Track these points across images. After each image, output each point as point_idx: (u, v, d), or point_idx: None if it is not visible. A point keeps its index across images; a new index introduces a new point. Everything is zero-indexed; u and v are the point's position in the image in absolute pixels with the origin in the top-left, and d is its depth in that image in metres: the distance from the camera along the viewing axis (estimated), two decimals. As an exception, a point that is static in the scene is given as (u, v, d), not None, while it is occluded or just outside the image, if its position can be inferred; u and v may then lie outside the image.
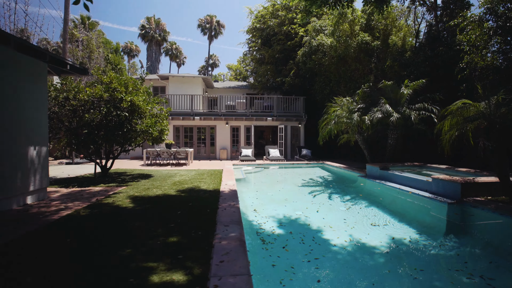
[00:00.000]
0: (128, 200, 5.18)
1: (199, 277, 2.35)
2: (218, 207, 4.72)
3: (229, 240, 3.20)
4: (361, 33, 13.05)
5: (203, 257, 2.73)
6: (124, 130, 7.03)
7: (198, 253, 2.85)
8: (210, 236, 3.32)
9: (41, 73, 5.05)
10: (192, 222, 3.90)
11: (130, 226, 3.72)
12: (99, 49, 19.51)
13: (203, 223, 3.81)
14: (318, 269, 3.20)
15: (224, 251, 2.89)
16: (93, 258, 2.74)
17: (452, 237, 4.65)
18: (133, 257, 2.74)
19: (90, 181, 7.39)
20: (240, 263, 2.61)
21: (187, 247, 3.02)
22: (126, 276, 2.36)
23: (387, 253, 3.63)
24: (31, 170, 4.93)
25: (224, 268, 2.51)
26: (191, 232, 3.47)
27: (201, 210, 4.54)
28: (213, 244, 3.07)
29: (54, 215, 4.26)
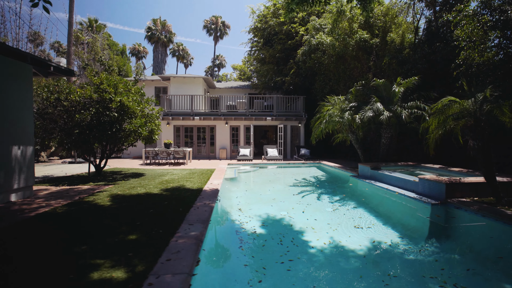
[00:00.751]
0: (108, 199, 5.28)
1: (139, 275, 2.36)
2: (192, 206, 4.74)
3: (187, 238, 3.21)
4: (359, 30, 12.82)
5: (153, 255, 2.75)
6: (114, 130, 7.16)
7: (151, 250, 2.87)
8: (170, 234, 3.34)
9: (25, 75, 5.21)
10: (160, 220, 3.93)
11: (98, 224, 3.79)
12: (104, 51, 19.95)
13: (169, 222, 3.84)
14: (289, 271, 3.12)
15: (176, 249, 2.90)
16: (44, 255, 2.81)
17: (434, 241, 4.46)
18: (85, 254, 2.79)
19: (82, 180, 7.57)
20: (186, 262, 2.61)
21: (142, 245, 3.05)
22: (68, 273, 2.41)
23: (364, 257, 3.53)
24: (15, 168, 5.09)
25: (168, 266, 2.52)
26: (153, 230, 3.50)
27: (174, 208, 4.57)
28: (169, 242, 3.08)
29: (31, 212, 4.38)
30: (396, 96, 7.92)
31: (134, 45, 42.33)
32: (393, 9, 12.40)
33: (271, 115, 17.13)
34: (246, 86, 22.57)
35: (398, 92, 7.83)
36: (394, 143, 8.78)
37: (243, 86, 22.98)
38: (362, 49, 12.95)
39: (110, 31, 74.79)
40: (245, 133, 17.54)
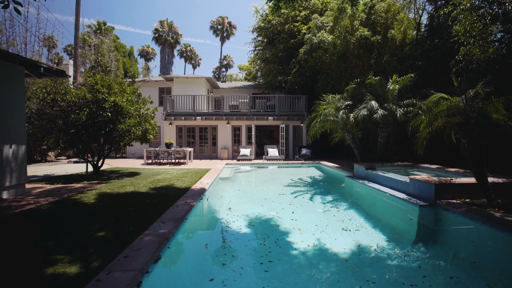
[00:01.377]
0: (94, 197, 5.38)
1: (92, 271, 2.39)
2: (173, 204, 4.77)
3: (153, 236, 3.22)
4: (360, 28, 12.58)
5: (113, 252, 2.77)
6: (107, 129, 7.30)
7: (113, 247, 2.90)
8: (139, 232, 3.36)
9: (16, 76, 5.39)
10: (135, 218, 3.97)
11: (74, 221, 3.86)
12: (110, 53, 20.40)
13: (144, 220, 3.87)
14: (267, 273, 3.07)
15: (139, 246, 2.92)
16: (10, 250, 2.88)
17: (420, 246, 4.19)
18: (49, 250, 2.85)
19: (78, 179, 7.76)
20: (143, 259, 2.62)
21: (108, 241, 3.08)
22: (24, 267, 2.46)
23: (345, 261, 3.40)
24: (7, 167, 5.27)
25: (122, 263, 2.53)
26: (124, 228, 3.54)
27: (154, 207, 4.61)
28: (134, 239, 3.10)
29: (18, 209, 4.52)
30: (390, 94, 7.71)
31: (143, 47, 43.15)
32: (395, 5, 12.10)
33: (273, 115, 17.05)
34: (249, 86, 22.56)
35: (393, 90, 7.62)
36: (392, 142, 8.56)
37: (247, 86, 22.99)
38: (363, 46, 12.69)
39: (119, 33, 76.50)
40: (247, 133, 17.54)
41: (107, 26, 28.39)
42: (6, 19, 12.77)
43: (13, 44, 12.65)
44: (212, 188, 7.39)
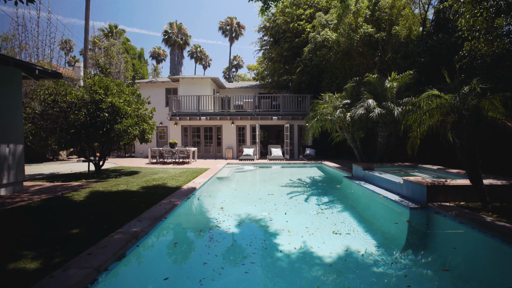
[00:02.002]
0: (86, 195, 5.51)
1: (50, 267, 2.43)
2: (157, 203, 4.80)
3: (124, 234, 3.25)
4: (364, 24, 12.27)
5: (78, 249, 2.81)
6: (104, 129, 7.47)
7: (80, 244, 2.94)
8: (112, 229, 3.40)
9: (13, 78, 5.61)
10: (114, 216, 4.03)
11: (56, 218, 3.96)
12: (120, 55, 20.92)
13: (122, 218, 3.91)
14: (247, 274, 3.01)
15: (105, 244, 2.95)
16: None
17: (409, 252, 3.90)
18: (19, 245, 2.93)
19: (78, 177, 7.99)
20: (104, 258, 2.64)
21: (78, 238, 3.13)
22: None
23: (329, 266, 3.26)
24: (4, 165, 5.49)
25: (82, 260, 2.56)
26: (100, 225, 3.59)
27: (137, 205, 4.66)
28: (104, 237, 3.14)
29: (9, 205, 4.70)
30: (390, 92, 7.44)
31: (154, 49, 44.08)
32: (400, 1, 11.70)
33: (277, 114, 16.94)
34: (255, 86, 22.52)
35: (391, 88, 7.36)
36: (393, 142, 8.27)
37: (253, 86, 22.95)
38: (367, 44, 12.37)
39: (130, 35, 78.94)
40: (251, 132, 17.51)
41: (118, 29, 29.18)
42: (20, 24, 13.34)
43: (25, 48, 13.23)
44: (206, 188, 7.41)
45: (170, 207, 4.59)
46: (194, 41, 42.23)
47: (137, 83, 19.74)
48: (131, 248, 3.10)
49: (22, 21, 13.47)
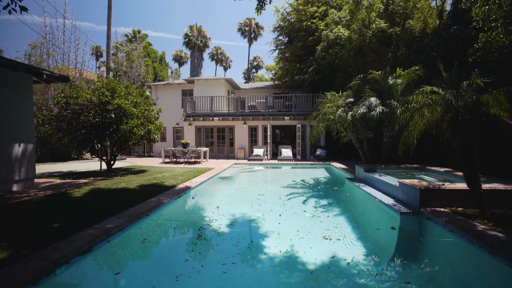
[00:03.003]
0: (85, 192, 5.85)
1: (15, 258, 2.61)
2: (145, 201, 4.96)
3: (97, 230, 3.41)
4: (377, 20, 11.75)
5: (49, 242, 3.00)
6: (111, 130, 7.87)
7: (53, 238, 3.13)
8: (89, 225, 3.58)
9: (24, 82, 6.11)
10: (98, 212, 4.23)
11: (46, 212, 4.26)
12: (140, 59, 21.90)
13: (103, 214, 4.10)
14: (224, 274, 3.01)
15: (74, 238, 3.11)
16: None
17: (397, 263, 3.57)
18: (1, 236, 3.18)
19: (89, 175, 8.50)
20: (66, 251, 2.78)
21: (55, 232, 3.34)
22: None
23: (310, 273, 3.13)
24: (16, 163, 5.99)
25: (47, 253, 2.73)
26: (81, 220, 3.80)
27: (125, 203, 4.85)
28: (79, 232, 3.32)
29: (14, 200, 5.12)
30: (395, 90, 7.04)
31: (177, 52, 45.52)
32: (415, -7, 11.04)
33: (289, 114, 16.76)
34: (270, 86, 22.44)
35: (395, 85, 6.95)
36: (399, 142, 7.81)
37: (268, 86, 22.89)
38: (379, 40, 11.83)
39: (153, 39, 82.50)
40: (263, 133, 17.49)
41: (141, 34, 30.57)
42: (47, 33, 14.49)
43: (52, 55, 14.35)
44: (204, 187, 7.52)
45: (155, 205, 4.73)
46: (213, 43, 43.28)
47: (155, 85, 20.55)
48: (100, 243, 3.24)
49: (50, 29, 14.63)
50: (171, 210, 5.26)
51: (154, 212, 4.61)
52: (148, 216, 4.38)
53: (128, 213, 4.18)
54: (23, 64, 5.72)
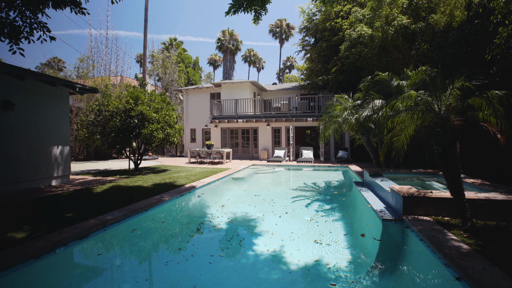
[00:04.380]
0: (106, 188, 6.79)
1: (29, 238, 3.37)
2: (149, 198, 5.64)
3: (97, 220, 4.10)
4: (399, 16, 11.18)
5: (58, 228, 3.74)
6: (134, 134, 8.89)
7: (62, 225, 3.88)
8: (94, 216, 4.31)
9: (62, 95, 7.30)
10: (105, 206, 4.97)
11: (67, 204, 5.15)
12: (173, 65, 23.59)
13: (109, 208, 4.84)
14: (209, 264, 3.32)
15: (76, 226, 3.82)
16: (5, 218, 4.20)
17: (373, 274, 3.41)
18: (25, 222, 4.03)
19: (117, 173, 9.67)
20: (68, 235, 3.48)
21: (66, 221, 4.10)
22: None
23: (289, 273, 3.21)
24: (55, 163, 7.20)
25: (52, 236, 3.45)
26: (88, 213, 4.55)
27: (132, 199, 5.57)
28: (84, 221, 4.04)
29: (50, 193, 6.21)
30: (402, 91, 6.75)
31: (211, 55, 47.67)
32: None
33: (312, 115, 16.67)
34: (296, 87, 22.40)
35: (401, 86, 6.67)
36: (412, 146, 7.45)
37: (294, 87, 22.86)
38: (402, 37, 11.22)
39: (187, 44, 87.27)
40: (286, 134, 17.63)
41: (177, 42, 32.75)
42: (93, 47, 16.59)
43: (96, 66, 16.41)
44: (212, 187, 8.06)
45: (155, 202, 5.36)
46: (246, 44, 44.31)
47: (186, 89, 21.96)
48: (98, 231, 3.91)
49: (95, 43, 16.73)
50: (171, 207, 5.85)
51: (153, 208, 5.23)
52: (146, 212, 5.01)
53: (129, 208, 4.85)
54: (60, 79, 6.86)
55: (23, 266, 2.92)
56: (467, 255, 2.83)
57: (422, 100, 3.96)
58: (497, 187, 4.88)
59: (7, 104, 5.96)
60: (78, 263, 3.42)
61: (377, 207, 5.09)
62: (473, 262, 2.66)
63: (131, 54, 22.83)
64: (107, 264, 3.41)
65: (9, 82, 6.04)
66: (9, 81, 6.02)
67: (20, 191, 6.31)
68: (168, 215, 5.55)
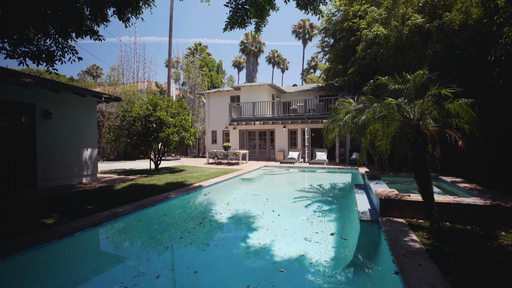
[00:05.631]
0: (125, 186, 7.75)
1: (56, 224, 4.25)
2: (157, 195, 6.43)
3: (110, 212, 4.93)
4: (414, 15, 10.99)
5: (79, 217, 4.61)
6: (152, 137, 9.89)
7: (82, 215, 4.75)
8: (108, 209, 5.15)
9: (90, 103, 8.46)
10: (121, 201, 5.83)
11: (89, 198, 6.11)
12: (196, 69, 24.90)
13: (123, 202, 5.67)
14: (203, 251, 3.87)
15: (93, 216, 4.66)
16: (38, 208, 5.19)
17: (348, 271, 3.60)
18: (54, 211, 4.98)
19: (139, 172, 10.77)
20: (85, 222, 4.31)
21: (86, 212, 4.98)
22: (32, 217, 4.59)
23: (273, 264, 3.48)
24: (84, 163, 8.37)
25: (73, 223, 4.30)
26: (104, 205, 5.42)
27: (142, 196, 6.38)
28: (99, 212, 4.89)
29: (80, 188, 7.30)
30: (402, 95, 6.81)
31: (236, 58, 48.94)
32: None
33: (328, 117, 16.67)
34: (315, 89, 22.43)
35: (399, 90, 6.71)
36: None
37: (313, 88, 22.90)
38: (416, 36, 10.99)
39: (216, 46, 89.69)
40: (302, 136, 17.86)
41: (202, 46, 34.29)
42: (123, 57, 18.28)
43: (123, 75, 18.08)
44: (220, 186, 8.72)
45: (162, 198, 6.13)
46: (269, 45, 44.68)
47: (207, 93, 23.08)
48: (109, 221, 4.73)
49: (125, 53, 18.43)
50: (176, 204, 6.58)
51: (159, 204, 5.99)
52: (153, 206, 5.77)
53: (138, 203, 5.65)
54: (89, 90, 7.99)
55: (49, 244, 3.77)
56: (414, 253, 3.09)
57: (392, 108, 4.19)
58: (485, 193, 4.87)
59: (47, 114, 7.17)
60: (90, 244, 4.24)
61: (363, 209, 5.33)
62: (414, 259, 2.94)
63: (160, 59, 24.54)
64: (114, 246, 4.19)
65: (48, 95, 7.25)
66: (48, 94, 7.23)
67: (55, 187, 7.50)
68: (172, 210, 6.27)
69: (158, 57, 66.52)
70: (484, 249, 3.27)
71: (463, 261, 2.96)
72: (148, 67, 25.63)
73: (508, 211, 3.89)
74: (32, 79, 6.86)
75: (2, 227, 4.18)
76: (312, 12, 5.81)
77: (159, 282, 3.04)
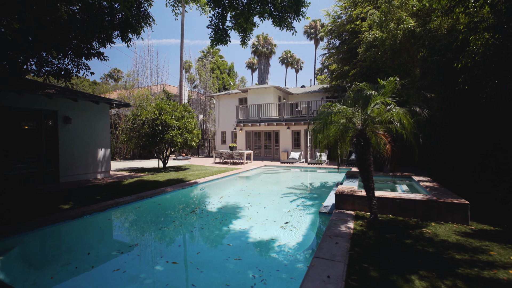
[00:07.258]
0: (132, 181, 8.90)
1: (69, 209, 5.36)
2: (155, 189, 7.47)
3: (113, 201, 6.00)
4: (407, 19, 11.35)
5: (90, 205, 5.71)
6: (158, 138, 11.04)
7: (91, 203, 5.85)
8: (111, 199, 6.23)
9: (104, 109, 9.72)
10: (125, 193, 6.91)
11: (99, 191, 7.25)
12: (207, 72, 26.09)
13: (126, 194, 6.75)
14: (191, 232, 4.90)
15: (98, 204, 5.74)
16: (56, 196, 6.37)
17: (293, 250, 4.17)
18: (70, 199, 6.13)
19: (148, 170, 11.99)
20: (92, 208, 5.40)
21: (94, 200, 6.09)
22: (51, 203, 5.76)
23: (245, 243, 4.16)
24: (99, 161, 9.65)
25: (82, 209, 5.40)
26: (110, 196, 6.51)
27: (143, 189, 7.45)
28: (104, 201, 5.98)
29: (94, 183, 8.53)
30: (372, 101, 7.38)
31: (249, 59, 49.92)
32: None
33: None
34: (321, 90, 22.87)
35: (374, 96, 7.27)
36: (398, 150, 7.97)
37: (320, 90, 23.34)
38: (411, 40, 11.32)
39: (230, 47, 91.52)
40: (305, 137, 18.45)
41: (214, 49, 35.57)
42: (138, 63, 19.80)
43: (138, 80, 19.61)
44: (216, 183, 9.65)
45: (159, 192, 7.17)
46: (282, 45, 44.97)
47: (217, 95, 24.20)
48: (112, 208, 5.80)
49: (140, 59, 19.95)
50: (172, 196, 7.58)
51: (157, 196, 7.02)
52: (150, 198, 6.81)
53: (138, 195, 6.71)
54: (102, 98, 9.24)
55: (64, 223, 4.89)
56: (338, 235, 3.82)
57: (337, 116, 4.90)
58: (437, 190, 5.41)
59: (67, 119, 8.48)
60: (95, 224, 5.31)
61: (328, 203, 6.03)
62: (334, 239, 3.67)
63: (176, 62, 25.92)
64: (113, 226, 5.24)
65: (68, 103, 8.56)
66: (68, 102, 8.54)
67: (74, 181, 8.80)
68: (168, 201, 7.29)
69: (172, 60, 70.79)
70: (403, 235, 3.92)
71: (375, 241, 3.65)
72: (161, 72, 27.27)
73: (440, 205, 4.46)
74: (54, 89, 8.17)
75: (31, 210, 5.36)
76: (286, 28, 6.53)
77: (150, 252, 4.04)
